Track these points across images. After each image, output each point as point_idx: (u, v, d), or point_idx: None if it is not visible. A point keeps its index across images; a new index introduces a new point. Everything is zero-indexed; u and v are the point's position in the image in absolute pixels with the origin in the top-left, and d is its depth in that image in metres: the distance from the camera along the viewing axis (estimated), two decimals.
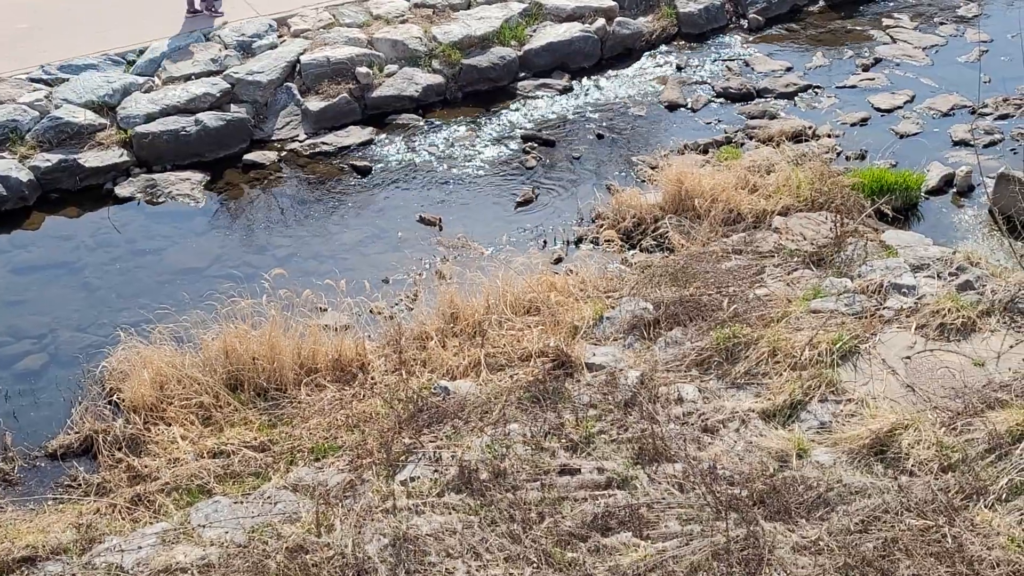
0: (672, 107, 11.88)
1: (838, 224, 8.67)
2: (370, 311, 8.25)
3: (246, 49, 12.04)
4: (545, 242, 9.50)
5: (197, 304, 8.12)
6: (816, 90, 12.07)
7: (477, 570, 5.23)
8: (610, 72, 12.64)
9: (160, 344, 7.52)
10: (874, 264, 8.05)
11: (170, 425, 6.99)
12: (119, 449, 6.87)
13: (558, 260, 9.14)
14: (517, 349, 7.38)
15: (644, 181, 10.22)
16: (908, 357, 6.91)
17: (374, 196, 10.39)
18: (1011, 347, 6.87)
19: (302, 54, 11.92)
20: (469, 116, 11.75)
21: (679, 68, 12.72)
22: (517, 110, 11.88)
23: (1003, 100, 11.41)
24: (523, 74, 12.45)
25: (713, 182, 9.41)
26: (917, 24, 13.54)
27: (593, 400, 6.66)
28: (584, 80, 12.49)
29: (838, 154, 10.60)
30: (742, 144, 10.84)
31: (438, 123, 11.63)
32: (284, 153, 11.02)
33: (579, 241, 9.48)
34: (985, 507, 5.46)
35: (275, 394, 7.29)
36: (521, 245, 9.32)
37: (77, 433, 7.13)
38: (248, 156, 10.90)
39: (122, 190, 10.38)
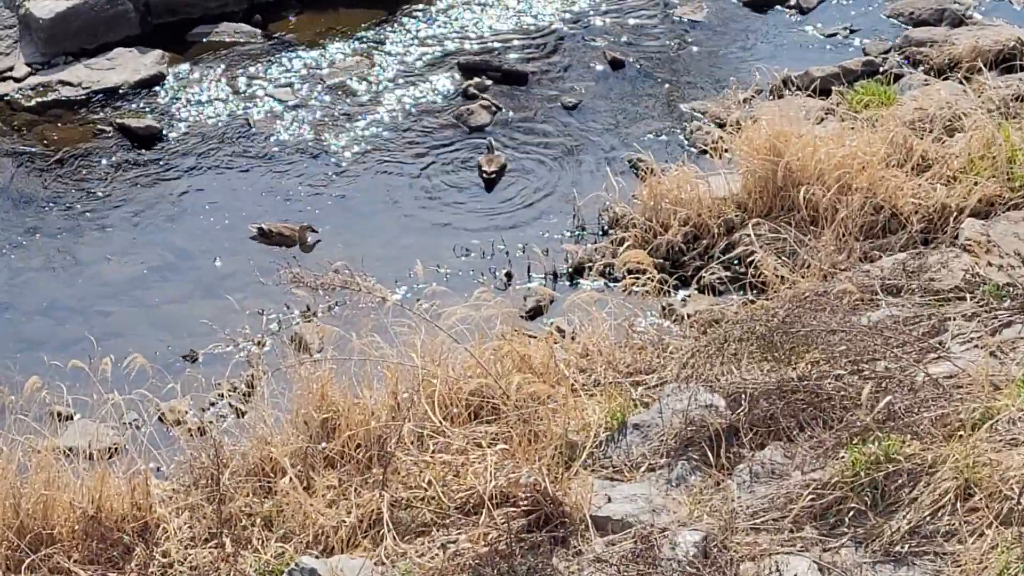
0: (758, 5, 11.80)
1: None
2: (160, 417, 8.01)
3: None
4: (509, 274, 9.26)
5: None
6: None
7: None
8: None
9: None
10: None
11: None
12: None
13: (535, 311, 8.88)
14: (456, 491, 7.12)
15: (705, 151, 10.11)
16: None
17: (166, 186, 10.26)
18: None
19: None
20: (355, 27, 11.80)
21: None
22: (449, 15, 11.87)
23: None
24: None
25: (842, 153, 9.31)
26: None
27: None
28: None
29: None
30: (899, 77, 10.82)
31: (293, 41, 11.67)
32: None
33: (577, 272, 9.29)
34: None
35: None
36: (460, 280, 9.15)
37: None
38: None
39: None
